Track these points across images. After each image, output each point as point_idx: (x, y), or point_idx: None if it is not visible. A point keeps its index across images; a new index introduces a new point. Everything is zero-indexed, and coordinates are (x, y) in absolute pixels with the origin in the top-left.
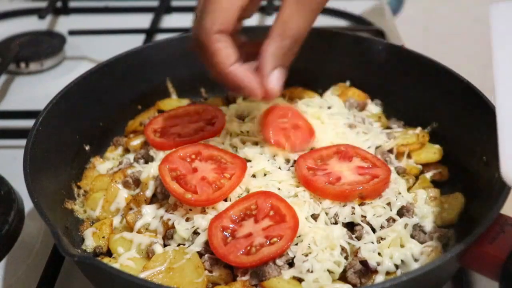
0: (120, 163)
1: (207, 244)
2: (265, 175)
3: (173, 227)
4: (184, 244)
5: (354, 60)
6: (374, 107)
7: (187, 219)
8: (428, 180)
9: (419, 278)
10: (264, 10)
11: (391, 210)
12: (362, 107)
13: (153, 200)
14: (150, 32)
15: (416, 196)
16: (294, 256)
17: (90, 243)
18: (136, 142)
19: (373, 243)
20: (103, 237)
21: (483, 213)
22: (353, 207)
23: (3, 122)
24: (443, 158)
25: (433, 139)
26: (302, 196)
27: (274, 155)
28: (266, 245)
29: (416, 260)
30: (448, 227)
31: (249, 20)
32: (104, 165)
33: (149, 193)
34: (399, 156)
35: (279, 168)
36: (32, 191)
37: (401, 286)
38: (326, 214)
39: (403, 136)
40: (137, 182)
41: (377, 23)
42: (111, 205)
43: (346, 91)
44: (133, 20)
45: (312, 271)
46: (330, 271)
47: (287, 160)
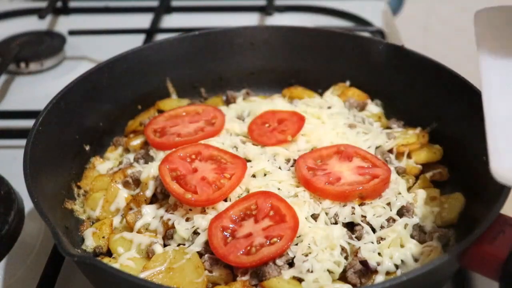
0: (120, 163)
1: (207, 244)
2: (265, 175)
3: (173, 227)
4: (184, 244)
5: (354, 60)
6: (374, 107)
7: (187, 219)
8: (428, 180)
9: (419, 278)
10: (264, 10)
11: (391, 210)
12: (362, 107)
13: (153, 200)
14: (150, 32)
15: (416, 196)
16: (294, 256)
17: (90, 243)
18: (136, 142)
19: (373, 243)
20: (103, 237)
21: (483, 213)
22: (353, 207)
23: (3, 122)
24: (443, 158)
25: (433, 139)
26: (302, 196)
27: (274, 155)
28: (266, 245)
29: (416, 260)
30: (448, 227)
31: (249, 20)
32: (104, 165)
33: (149, 193)
34: (399, 156)
35: (279, 168)
36: (32, 191)
37: (401, 286)
38: (326, 214)
39: (403, 136)
40: (137, 182)
41: (377, 23)
42: (111, 205)
43: (346, 91)
44: (133, 20)
45: (312, 271)
46: (330, 271)
47: (287, 160)
